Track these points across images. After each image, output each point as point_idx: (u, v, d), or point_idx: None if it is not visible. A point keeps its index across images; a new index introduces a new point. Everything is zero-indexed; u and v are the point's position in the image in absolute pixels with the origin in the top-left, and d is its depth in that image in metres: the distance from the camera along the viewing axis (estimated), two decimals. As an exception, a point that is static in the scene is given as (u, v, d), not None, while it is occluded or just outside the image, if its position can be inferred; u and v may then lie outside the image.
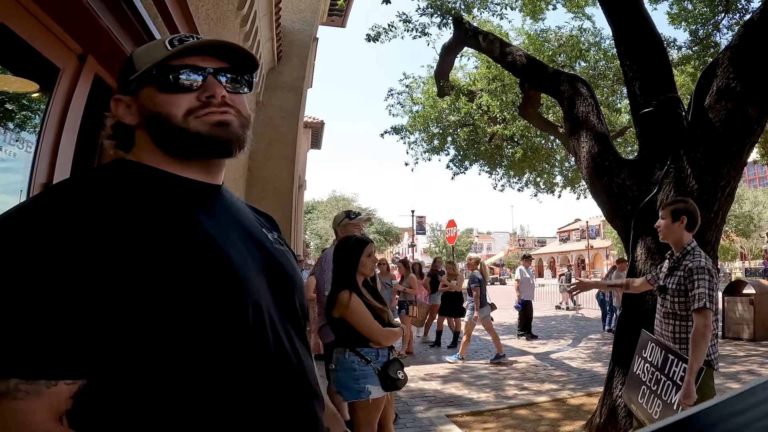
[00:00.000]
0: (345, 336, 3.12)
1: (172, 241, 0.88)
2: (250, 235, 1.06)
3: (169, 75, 0.98)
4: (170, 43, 1.01)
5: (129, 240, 0.84)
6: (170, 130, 0.98)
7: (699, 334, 2.95)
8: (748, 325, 10.17)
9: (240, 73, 1.07)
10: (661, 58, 4.85)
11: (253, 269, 0.99)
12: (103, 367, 0.82)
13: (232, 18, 5.64)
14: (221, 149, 1.01)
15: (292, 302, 1.08)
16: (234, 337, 0.90)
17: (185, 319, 0.85)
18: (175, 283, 0.85)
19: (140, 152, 1.02)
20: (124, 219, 0.86)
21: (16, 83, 2.62)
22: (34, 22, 2.37)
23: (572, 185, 14.13)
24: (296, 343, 1.04)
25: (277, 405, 0.95)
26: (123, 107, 1.02)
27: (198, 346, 0.86)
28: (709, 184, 4.14)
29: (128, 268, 0.82)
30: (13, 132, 2.51)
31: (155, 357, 0.84)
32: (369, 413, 3.07)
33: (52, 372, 0.78)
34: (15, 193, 2.54)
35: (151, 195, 0.95)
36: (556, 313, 17.59)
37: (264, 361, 0.94)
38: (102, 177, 0.97)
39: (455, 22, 7.69)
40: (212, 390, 0.87)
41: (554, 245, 72.36)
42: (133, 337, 0.82)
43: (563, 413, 5.50)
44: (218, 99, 0.99)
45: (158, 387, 0.84)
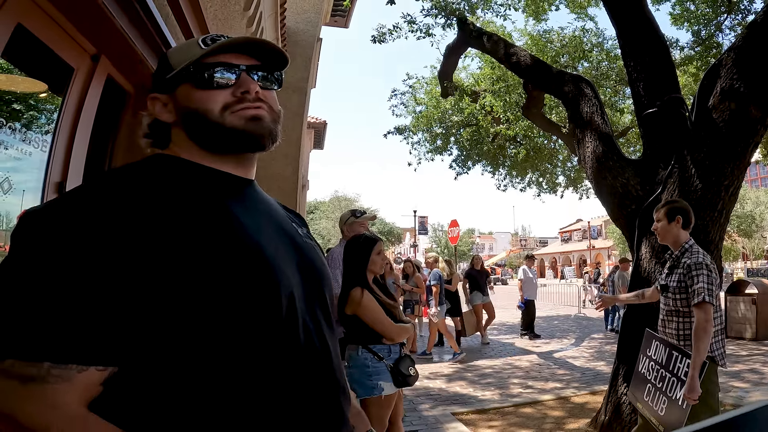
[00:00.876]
0: (358, 333, 3.16)
1: (206, 230, 0.90)
2: (282, 228, 1.09)
3: (205, 72, 1.01)
4: (203, 42, 1.04)
5: (165, 229, 0.86)
6: (207, 125, 1.01)
7: (700, 329, 2.98)
8: (751, 325, 10.20)
9: (270, 70, 1.10)
10: (664, 59, 4.88)
11: (285, 260, 1.01)
12: (135, 355, 0.83)
13: (238, 19, 5.68)
14: (255, 143, 1.04)
15: (322, 295, 1.10)
16: (266, 327, 0.91)
17: (218, 307, 0.86)
18: (209, 271, 0.86)
19: (177, 148, 1.05)
20: (160, 208, 0.88)
21: (24, 83, 2.64)
22: (49, 22, 2.41)
23: (575, 185, 14.14)
24: (326, 336, 1.05)
25: (305, 396, 0.97)
26: (159, 105, 1.05)
27: (230, 335, 0.88)
28: (713, 183, 4.18)
29: (164, 255, 0.84)
30: (28, 131, 2.54)
31: (187, 345, 0.85)
32: (381, 409, 3.11)
33: (84, 357, 0.79)
34: (30, 191, 2.57)
35: (187, 186, 0.97)
36: (559, 313, 17.60)
37: (294, 352, 0.96)
38: (140, 169, 0.99)
39: (459, 22, 7.72)
40: (242, 379, 0.88)
41: (556, 245, 72.31)
42: (166, 325, 0.84)
43: (568, 411, 5.53)
44: (252, 94, 1.02)
45: (188, 375, 0.85)
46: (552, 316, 16.46)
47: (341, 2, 10.56)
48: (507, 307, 18.18)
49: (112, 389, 0.83)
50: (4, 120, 2.37)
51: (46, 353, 0.77)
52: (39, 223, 0.83)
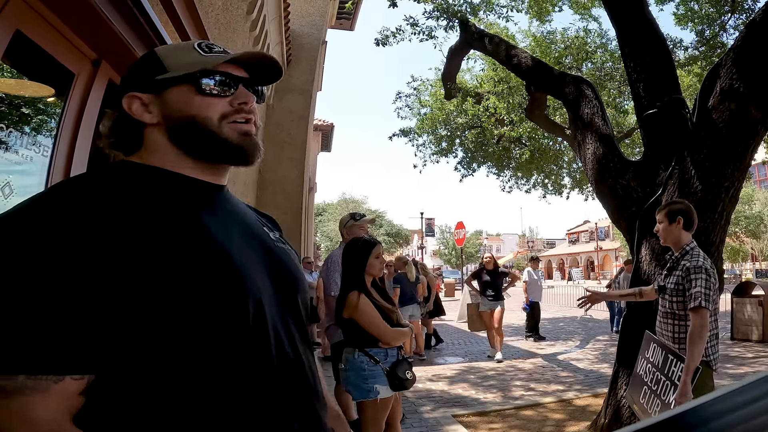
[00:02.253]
0: (354, 336, 3.18)
1: (172, 237, 0.90)
2: (252, 233, 1.09)
3: (210, 79, 1.02)
4: (200, 47, 1.05)
5: (129, 236, 0.85)
6: (202, 133, 1.01)
7: (695, 334, 2.97)
8: (757, 327, 10.13)
9: (257, 84, 1.12)
10: (665, 60, 4.87)
11: (255, 267, 1.00)
12: (107, 363, 0.82)
13: (241, 22, 5.72)
14: (245, 158, 1.05)
15: (294, 301, 1.09)
16: (233, 334, 0.91)
17: (185, 314, 0.86)
18: (175, 278, 0.86)
19: (148, 153, 1.03)
20: (124, 215, 0.87)
21: (31, 87, 2.67)
22: (49, 28, 2.44)
23: (580, 187, 14.08)
24: (298, 342, 1.05)
25: (277, 403, 0.96)
26: (138, 104, 1.02)
27: (198, 342, 0.87)
28: (713, 185, 4.16)
29: (129, 263, 0.83)
30: (30, 136, 2.58)
31: (155, 352, 0.85)
32: (377, 412, 3.13)
33: (57, 367, 0.78)
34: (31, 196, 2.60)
35: (153, 193, 0.96)
36: (564, 315, 17.55)
37: (264, 359, 0.95)
38: (106, 177, 0.98)
39: (461, 25, 7.73)
40: (212, 387, 0.88)
41: (563, 247, 72.11)
42: (134, 332, 0.83)
43: (569, 414, 5.53)
44: (249, 107, 1.05)
45: (157, 383, 0.85)
46: (558, 318, 16.42)
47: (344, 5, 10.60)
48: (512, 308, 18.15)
49: (93, 400, 0.83)
50: (5, 125, 2.41)
51: (20, 365, 0.76)
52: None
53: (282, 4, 7.84)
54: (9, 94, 2.51)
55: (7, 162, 2.39)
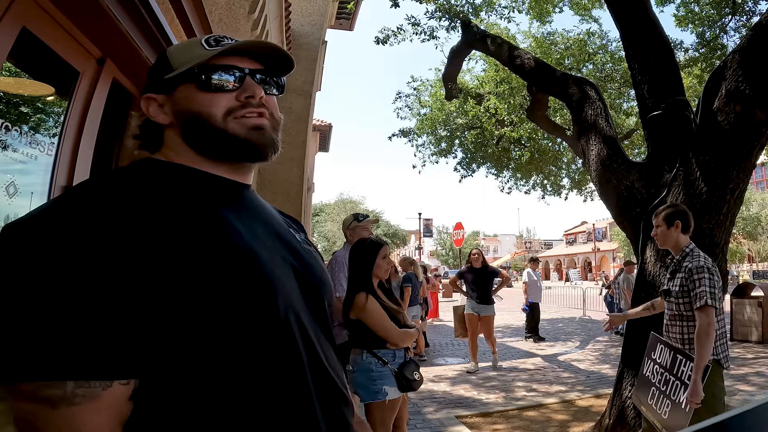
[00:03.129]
0: (362, 337, 3.16)
1: (200, 237, 0.87)
2: (278, 234, 1.05)
3: (210, 74, 0.98)
4: (207, 42, 1.01)
5: (159, 235, 0.82)
6: (208, 130, 0.97)
7: (703, 332, 2.98)
8: (757, 328, 10.15)
9: (273, 75, 1.07)
10: (669, 61, 4.87)
11: (282, 268, 0.98)
12: (149, 366, 0.80)
13: (243, 22, 5.70)
14: (257, 153, 1.01)
15: (321, 302, 1.06)
16: (264, 334, 0.89)
17: (217, 314, 0.84)
18: (204, 280, 0.83)
19: (169, 152, 1.01)
20: (153, 215, 0.85)
21: (31, 86, 2.65)
22: (55, 25, 2.42)
23: (579, 188, 14.13)
24: (324, 345, 1.02)
25: (307, 406, 0.93)
26: (155, 106, 1.01)
27: (230, 343, 0.85)
28: (718, 186, 4.16)
29: (158, 263, 0.80)
30: (34, 135, 2.55)
31: (190, 352, 0.82)
32: (385, 414, 3.11)
33: (104, 372, 0.76)
34: (36, 195, 2.58)
35: (180, 192, 0.93)
36: (563, 315, 17.56)
37: (295, 362, 0.93)
38: (131, 175, 0.95)
39: (463, 25, 7.72)
40: (244, 389, 0.86)
41: (561, 248, 72.18)
42: (171, 332, 0.81)
43: (572, 415, 5.52)
44: (257, 100, 1.00)
45: (194, 384, 0.83)
46: (557, 319, 16.43)
47: (345, 5, 10.58)
48: (512, 309, 18.17)
49: (141, 407, 0.81)
50: (11, 123, 2.39)
51: (67, 371, 0.73)
52: (31, 235, 0.78)
53: (283, 4, 7.81)
54: (8, 93, 2.49)
55: (11, 161, 2.36)
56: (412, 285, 8.75)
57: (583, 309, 17.72)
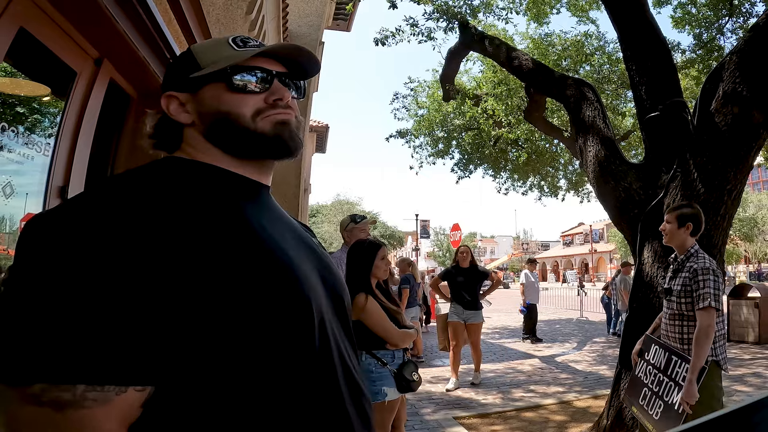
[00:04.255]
0: (361, 338, 3.15)
1: (227, 239, 0.84)
2: (300, 237, 1.05)
3: (241, 75, 0.98)
4: (234, 42, 1.01)
5: (186, 235, 0.80)
6: (237, 129, 0.97)
7: (703, 333, 2.99)
8: (753, 328, 10.18)
9: (296, 78, 1.08)
10: (666, 63, 4.88)
11: (311, 272, 0.98)
12: (168, 373, 0.76)
13: (241, 22, 5.68)
14: (284, 148, 1.01)
15: (343, 305, 1.07)
16: (300, 341, 0.87)
17: (246, 322, 0.81)
18: (238, 285, 0.81)
19: (192, 150, 1.00)
20: (179, 214, 0.82)
21: (27, 86, 2.64)
22: (53, 26, 2.41)
23: (576, 189, 14.17)
24: (348, 345, 1.03)
25: (340, 408, 0.93)
26: (176, 104, 1.00)
27: (262, 351, 0.83)
28: (716, 187, 4.16)
29: (187, 264, 0.78)
30: (30, 135, 2.54)
31: (216, 359, 0.79)
32: (384, 415, 3.10)
33: (121, 377, 0.72)
34: (32, 195, 2.57)
35: (203, 191, 0.91)
36: (561, 317, 17.58)
37: (328, 365, 0.93)
38: (155, 172, 0.93)
39: (461, 26, 7.73)
40: (278, 396, 0.84)
41: (558, 249, 72.33)
42: (194, 338, 0.77)
43: (570, 415, 5.51)
44: (285, 102, 1.00)
45: (215, 394, 0.79)
46: (554, 320, 16.44)
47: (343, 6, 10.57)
48: (509, 311, 18.18)
49: (150, 412, 0.77)
50: (7, 124, 2.37)
51: (79, 374, 0.70)
52: (52, 229, 0.76)
53: (281, 5, 7.79)
54: (5, 93, 2.48)
55: (7, 161, 2.36)
56: (410, 286, 8.73)
57: (580, 310, 17.72)
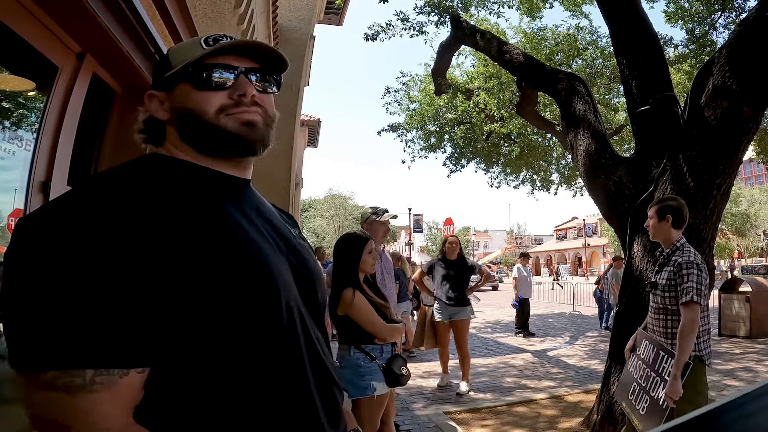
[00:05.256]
0: (349, 333, 3.13)
1: (206, 231, 0.91)
2: (276, 229, 1.10)
3: (203, 73, 1.02)
4: (205, 42, 1.04)
5: (167, 229, 0.86)
6: (202, 126, 1.01)
7: (687, 328, 3.00)
8: (744, 323, 10.23)
9: (269, 72, 1.11)
10: (657, 57, 4.87)
11: (282, 262, 1.03)
12: (160, 354, 0.84)
13: (229, 16, 5.63)
14: (247, 148, 1.04)
15: (315, 294, 1.12)
16: (267, 326, 0.93)
17: (220, 306, 0.87)
18: (211, 272, 0.87)
19: (171, 146, 1.05)
20: (160, 209, 0.88)
21: (12, 81, 2.61)
22: (33, 20, 2.37)
23: (568, 183, 14.18)
24: (317, 333, 1.08)
25: (305, 392, 0.99)
26: (156, 103, 1.07)
27: (233, 334, 0.89)
28: (705, 181, 4.17)
29: (167, 255, 0.84)
30: (11, 130, 2.51)
31: (197, 341, 0.86)
32: (373, 410, 3.10)
33: (122, 360, 0.79)
34: (13, 191, 2.54)
35: (184, 186, 0.97)
36: (553, 311, 17.64)
37: (295, 351, 0.98)
38: (137, 169, 0.99)
39: (453, 20, 7.69)
40: (246, 377, 0.90)
41: (551, 243, 72.58)
42: (179, 322, 0.84)
43: (561, 410, 5.53)
44: (249, 98, 1.03)
45: (201, 373, 0.87)
46: (546, 314, 16.50)
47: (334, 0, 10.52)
48: (501, 305, 18.22)
49: (151, 394, 0.84)
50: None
51: (87, 360, 0.77)
52: (48, 227, 0.81)
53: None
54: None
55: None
56: (400, 281, 8.74)
57: (573, 304, 17.79)
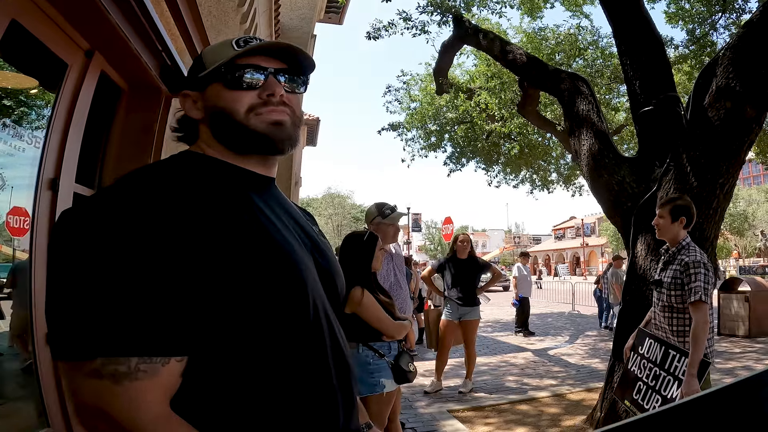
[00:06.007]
0: (357, 331, 3.14)
1: (239, 227, 0.94)
2: (301, 226, 1.14)
3: (235, 73, 1.05)
4: (236, 43, 1.07)
5: (202, 226, 0.89)
6: (232, 125, 1.04)
7: (698, 328, 3.01)
8: (744, 322, 10.26)
9: (297, 73, 1.14)
10: (660, 58, 4.89)
11: (307, 257, 1.07)
12: (197, 344, 0.87)
13: (232, 15, 5.64)
14: (274, 147, 1.07)
15: (336, 290, 1.17)
16: (295, 320, 0.97)
17: (252, 300, 0.91)
18: (243, 267, 0.90)
19: (203, 144, 1.09)
20: (197, 206, 0.92)
21: (14, 79, 2.62)
22: (43, 18, 2.37)
23: (567, 182, 14.20)
24: (338, 327, 1.12)
25: (327, 381, 1.03)
26: (190, 102, 1.10)
27: (263, 326, 0.93)
28: (708, 181, 4.18)
29: (203, 251, 0.87)
30: (21, 127, 2.52)
31: (227, 335, 0.89)
32: (382, 406, 3.12)
33: (163, 348, 0.83)
34: (23, 188, 2.55)
35: (217, 183, 1.01)
36: (553, 310, 17.67)
37: (319, 342, 1.02)
38: (172, 166, 1.02)
39: (455, 20, 7.71)
40: (274, 368, 0.94)
41: (549, 243, 72.61)
42: (211, 316, 0.87)
43: (563, 408, 5.55)
44: (277, 98, 1.06)
45: (229, 364, 0.90)
46: (546, 314, 16.53)
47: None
48: (501, 304, 18.24)
49: (186, 383, 0.87)
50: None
51: (131, 348, 0.80)
52: (87, 221, 0.85)
53: (273, -3, 7.75)
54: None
55: (-4, 153, 2.33)
56: None
57: (572, 303, 17.81)
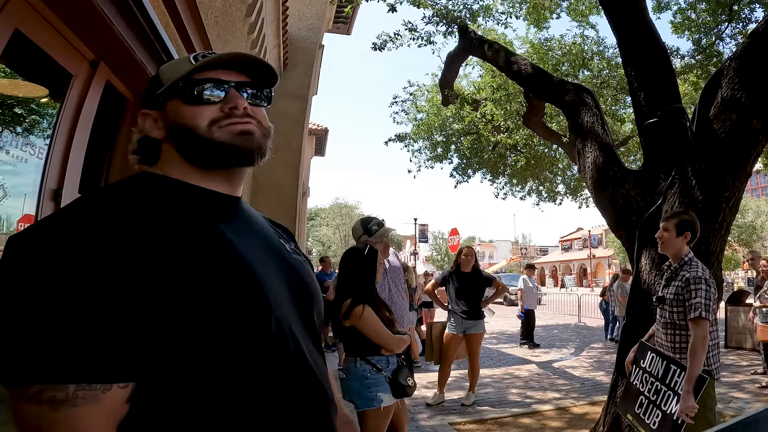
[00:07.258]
0: (355, 345, 3.13)
1: (197, 251, 0.91)
2: (270, 245, 1.10)
3: (193, 88, 1.02)
4: (194, 58, 1.06)
5: (156, 249, 0.86)
6: (195, 140, 1.01)
7: (698, 345, 2.98)
8: (751, 335, 10.12)
9: (260, 87, 1.11)
10: (665, 69, 4.87)
11: (275, 279, 1.02)
12: (146, 370, 0.84)
13: (240, 25, 5.68)
14: (244, 158, 1.04)
15: (310, 311, 1.11)
16: (257, 346, 0.93)
17: (210, 324, 0.87)
18: (201, 291, 0.87)
19: (165, 165, 1.05)
20: (150, 229, 0.88)
21: (25, 88, 2.63)
22: (48, 28, 2.39)
23: (574, 194, 14.16)
24: (313, 350, 1.07)
25: (296, 410, 0.98)
26: (150, 122, 1.07)
27: (223, 354, 0.89)
28: (714, 195, 4.15)
29: (157, 275, 0.84)
30: (25, 137, 2.53)
31: (184, 359, 0.86)
32: (379, 421, 3.10)
33: (105, 375, 0.80)
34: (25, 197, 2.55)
35: (176, 206, 0.97)
36: (558, 322, 17.56)
37: (286, 369, 0.97)
38: (128, 189, 0.99)
39: (460, 31, 7.73)
40: (236, 395, 0.90)
41: (556, 254, 72.22)
42: (165, 339, 0.84)
43: (567, 422, 5.49)
44: (240, 110, 1.03)
45: (186, 390, 0.87)
46: (551, 325, 16.42)
47: (343, 9, 10.58)
48: (507, 316, 18.15)
49: (136, 409, 0.85)
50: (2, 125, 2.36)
51: (69, 375, 0.78)
52: (37, 244, 0.82)
53: (280, 8, 7.79)
54: (2, 94, 2.46)
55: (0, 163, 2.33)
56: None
57: (578, 315, 17.70)
